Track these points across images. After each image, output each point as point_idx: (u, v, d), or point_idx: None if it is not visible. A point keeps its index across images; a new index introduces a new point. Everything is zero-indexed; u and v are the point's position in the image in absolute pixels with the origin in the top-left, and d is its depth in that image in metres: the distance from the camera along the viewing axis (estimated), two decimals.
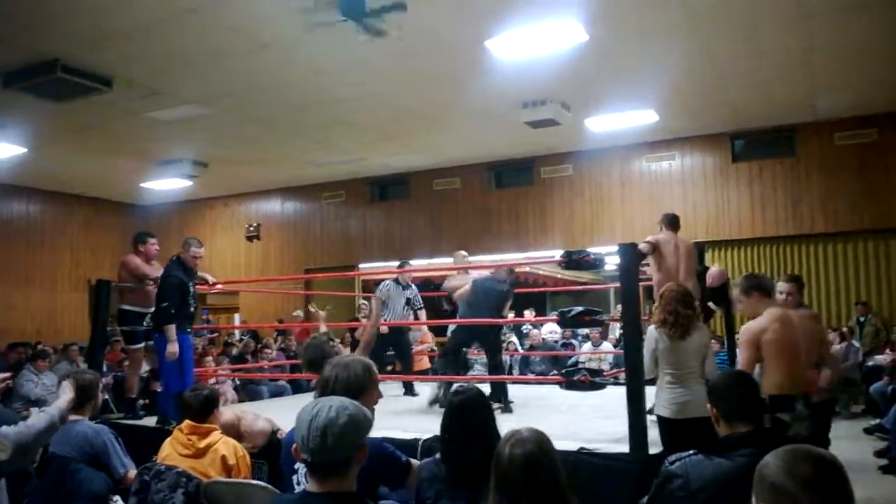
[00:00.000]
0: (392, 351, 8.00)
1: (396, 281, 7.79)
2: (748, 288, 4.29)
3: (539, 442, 1.99)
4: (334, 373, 2.70)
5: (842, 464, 1.46)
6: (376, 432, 2.35)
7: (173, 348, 5.64)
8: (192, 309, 5.97)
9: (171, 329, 5.65)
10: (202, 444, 3.54)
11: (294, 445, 1.99)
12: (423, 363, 8.91)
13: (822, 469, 1.42)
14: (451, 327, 7.10)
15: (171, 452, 3.57)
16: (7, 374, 3.73)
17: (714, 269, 6.73)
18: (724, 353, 7.56)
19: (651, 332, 4.29)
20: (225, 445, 3.58)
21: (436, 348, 9.55)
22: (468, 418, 2.38)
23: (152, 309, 6.14)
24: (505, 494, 1.92)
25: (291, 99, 9.10)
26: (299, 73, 8.22)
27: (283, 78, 8.35)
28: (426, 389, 7.04)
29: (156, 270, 6.31)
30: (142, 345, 6.46)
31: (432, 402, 6.42)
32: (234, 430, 4.10)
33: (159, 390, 6.30)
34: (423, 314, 8.13)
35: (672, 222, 6.10)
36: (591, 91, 9.00)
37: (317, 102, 9.25)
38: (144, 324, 6.34)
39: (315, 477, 1.96)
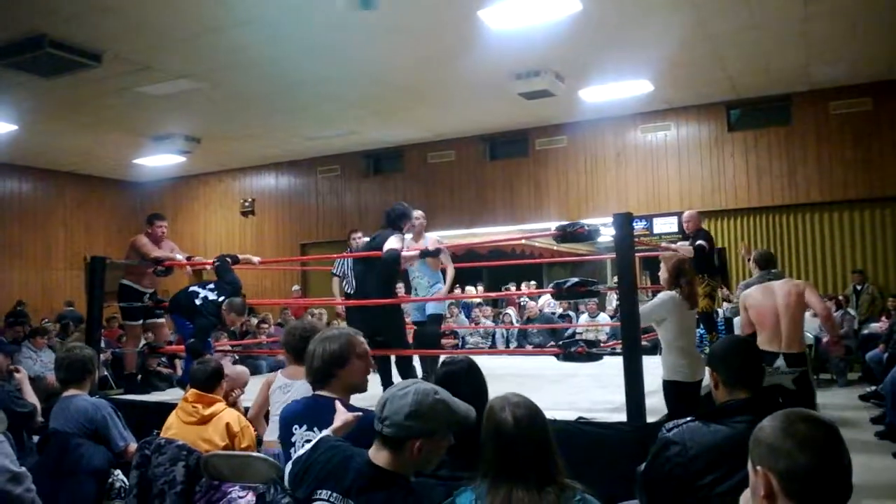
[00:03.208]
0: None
1: None
2: None
3: (533, 404, 1.98)
4: (312, 346, 2.70)
5: (837, 426, 1.46)
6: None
7: None
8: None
9: None
10: (207, 412, 3.58)
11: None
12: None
13: (818, 429, 1.42)
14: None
15: (175, 421, 3.61)
16: None
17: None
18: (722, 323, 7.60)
19: (670, 297, 4.38)
20: (229, 414, 3.63)
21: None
22: (453, 390, 2.34)
23: (151, 290, 6.40)
24: (507, 461, 1.87)
25: (283, 73, 9.00)
26: (290, 48, 8.12)
27: (275, 53, 8.25)
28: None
29: (162, 251, 6.32)
30: (140, 322, 6.49)
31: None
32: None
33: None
34: None
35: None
36: (585, 61, 8.92)
37: (309, 77, 9.15)
38: (145, 300, 6.36)
39: (377, 445, 2.08)
